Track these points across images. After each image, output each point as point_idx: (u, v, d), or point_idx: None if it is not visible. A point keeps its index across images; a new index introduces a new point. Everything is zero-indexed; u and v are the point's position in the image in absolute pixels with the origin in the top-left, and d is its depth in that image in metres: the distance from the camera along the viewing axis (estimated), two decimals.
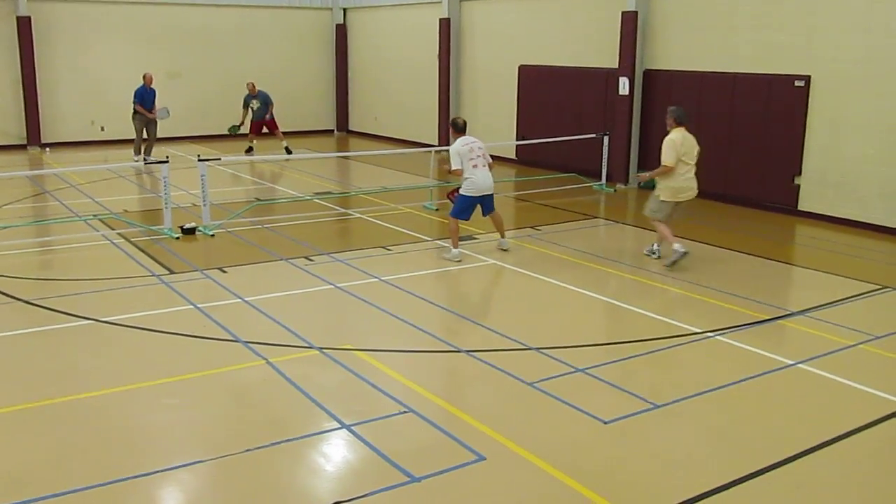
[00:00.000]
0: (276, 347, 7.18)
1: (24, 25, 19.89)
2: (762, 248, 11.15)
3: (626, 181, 15.80)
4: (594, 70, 16.62)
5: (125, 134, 19.39)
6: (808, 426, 5.89)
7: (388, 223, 12.27)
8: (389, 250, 10.71)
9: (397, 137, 22.87)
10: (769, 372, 6.84)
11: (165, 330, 7.60)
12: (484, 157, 10.30)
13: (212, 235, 11.33)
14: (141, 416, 5.94)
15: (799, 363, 7.01)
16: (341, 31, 24.53)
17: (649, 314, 8.31)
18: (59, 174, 16.04)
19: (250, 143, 19.85)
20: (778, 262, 10.65)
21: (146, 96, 18.01)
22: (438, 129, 20.78)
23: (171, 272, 9.54)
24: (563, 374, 6.69)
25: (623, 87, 15.65)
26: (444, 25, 20.24)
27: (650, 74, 15.58)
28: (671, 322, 8.03)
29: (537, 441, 5.53)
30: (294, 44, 24.03)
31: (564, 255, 10.62)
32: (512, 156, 18.62)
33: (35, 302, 8.39)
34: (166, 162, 11.78)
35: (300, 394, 6.26)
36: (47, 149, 20.43)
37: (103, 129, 21.41)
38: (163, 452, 5.41)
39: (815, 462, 5.36)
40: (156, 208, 12.60)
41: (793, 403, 6.38)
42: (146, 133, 18.20)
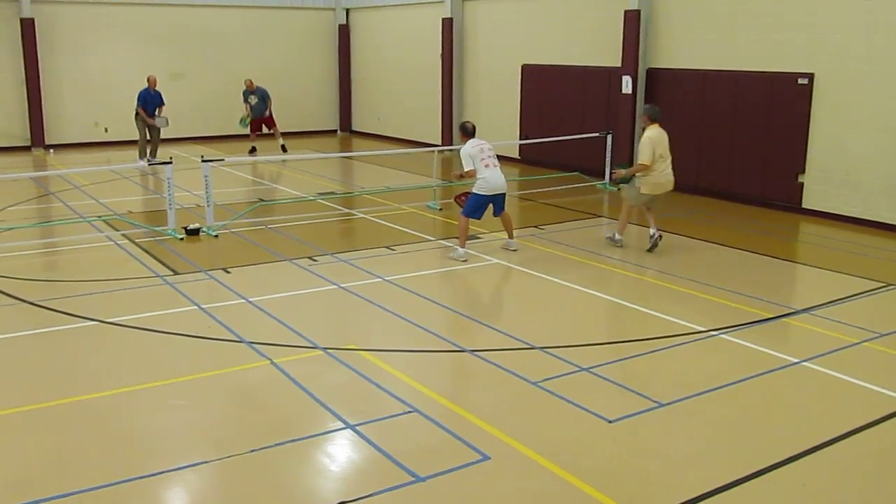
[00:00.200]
0: (281, 348, 7.19)
1: (28, 27, 19.93)
2: (766, 246, 11.14)
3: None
4: (597, 69, 16.61)
5: (128, 135, 19.42)
6: (812, 424, 5.88)
7: (392, 223, 12.27)
8: (393, 250, 10.71)
9: (400, 137, 22.88)
10: (774, 370, 6.84)
11: (170, 331, 7.61)
12: (494, 157, 10.33)
13: (215, 236, 11.34)
14: (146, 417, 5.95)
15: (803, 361, 7.00)
16: (344, 32, 24.54)
17: (653, 313, 8.31)
18: (63, 175, 16.06)
19: (252, 143, 19.89)
20: (782, 259, 10.64)
21: (149, 99, 18.01)
22: (441, 128, 20.77)
23: (175, 273, 9.55)
24: (568, 374, 6.69)
25: (626, 85, 15.64)
26: (447, 25, 20.24)
27: (653, 73, 15.57)
28: (675, 321, 8.02)
29: (542, 440, 5.53)
30: (297, 44, 24.05)
31: (568, 254, 10.61)
32: (515, 155, 18.61)
33: (40, 303, 8.41)
34: (170, 163, 11.80)
35: (305, 394, 6.26)
36: (51, 150, 20.47)
37: (107, 130, 21.45)
38: (168, 453, 5.42)
39: (820, 460, 5.36)
40: (160, 209, 12.61)
41: (797, 402, 6.37)
42: (149, 135, 18.22)
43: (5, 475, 5.11)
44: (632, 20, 15.40)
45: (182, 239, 11.10)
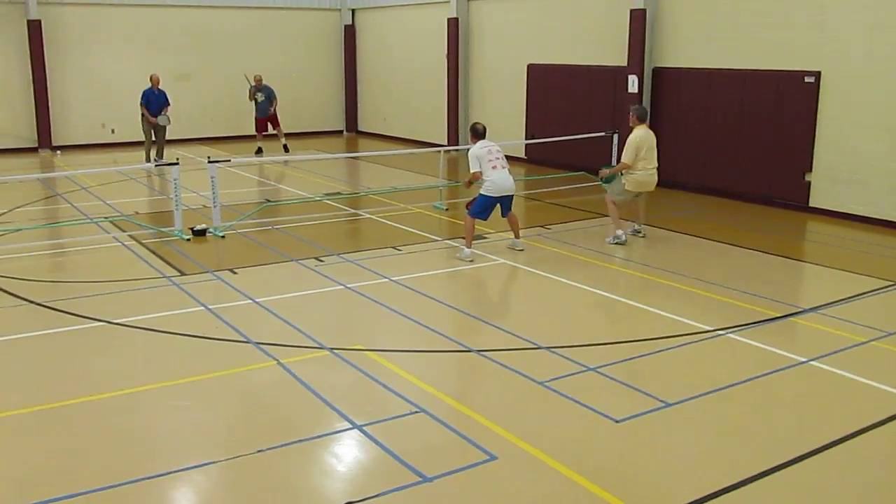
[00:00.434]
0: (287, 348, 7.19)
1: (35, 29, 20.00)
2: (773, 245, 11.11)
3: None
4: (603, 68, 16.59)
5: (135, 136, 19.46)
6: (820, 424, 5.86)
7: (398, 223, 12.28)
8: (399, 250, 10.71)
9: (406, 138, 22.89)
10: (781, 369, 6.81)
11: (176, 331, 7.63)
12: (503, 159, 10.33)
13: (222, 237, 11.35)
14: (152, 418, 5.96)
15: (811, 360, 6.98)
16: (350, 32, 24.56)
17: (660, 312, 8.29)
18: (70, 177, 16.11)
19: (259, 143, 19.93)
20: (789, 258, 10.61)
21: (152, 98, 17.98)
22: (447, 128, 20.77)
23: (182, 274, 9.56)
24: (575, 373, 6.68)
25: (632, 84, 15.61)
26: (453, 25, 20.24)
27: (659, 72, 15.54)
28: (682, 320, 8.00)
29: (549, 440, 5.52)
30: (302, 45, 24.08)
31: (574, 253, 10.60)
32: (521, 155, 18.60)
33: (47, 304, 8.43)
34: (176, 164, 11.82)
35: (311, 394, 6.26)
36: (58, 151, 20.53)
37: (113, 131, 21.51)
38: (174, 453, 5.43)
39: (828, 460, 5.34)
40: (166, 210, 12.65)
41: (805, 401, 6.35)
42: (154, 136, 18.22)
43: (13, 475, 5.13)
44: (638, 19, 15.37)
45: (189, 240, 11.12)
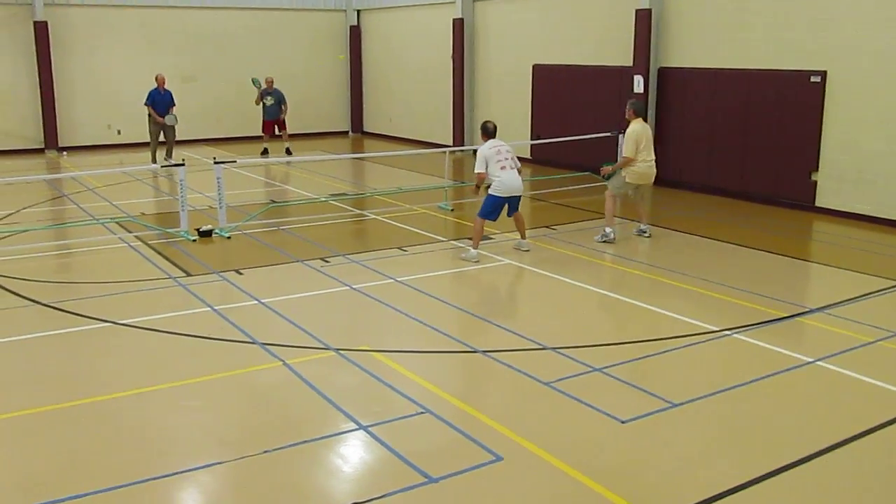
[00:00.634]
0: (293, 349, 7.20)
1: (41, 30, 20.06)
2: (779, 244, 11.08)
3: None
4: (608, 68, 16.57)
5: (141, 137, 19.50)
6: (827, 424, 5.84)
7: (404, 224, 12.28)
8: (405, 251, 10.71)
9: (412, 138, 22.90)
10: (787, 370, 6.80)
11: (182, 332, 7.64)
12: (512, 159, 10.31)
13: (228, 237, 11.37)
14: (159, 418, 5.97)
15: (817, 361, 6.96)
16: (355, 33, 24.58)
17: (666, 312, 8.28)
18: (76, 177, 16.15)
19: (265, 145, 19.94)
20: (795, 258, 10.59)
21: (158, 99, 18.00)
22: (453, 129, 20.76)
23: (188, 274, 9.58)
24: (580, 374, 6.68)
25: (638, 85, 15.59)
26: (458, 25, 20.24)
27: (665, 72, 15.52)
28: (688, 320, 7.99)
29: (554, 441, 5.52)
30: (308, 46, 24.10)
31: (580, 254, 10.59)
32: (527, 155, 18.58)
33: (53, 305, 8.45)
34: (182, 165, 11.84)
35: (317, 395, 6.27)
36: (64, 152, 20.59)
37: (119, 132, 21.56)
38: (181, 454, 5.44)
39: (834, 460, 5.32)
40: (172, 211, 12.67)
41: (812, 401, 6.33)
42: (164, 136, 18.24)
43: (20, 476, 5.14)
44: (643, 19, 15.36)
45: (194, 240, 11.13)
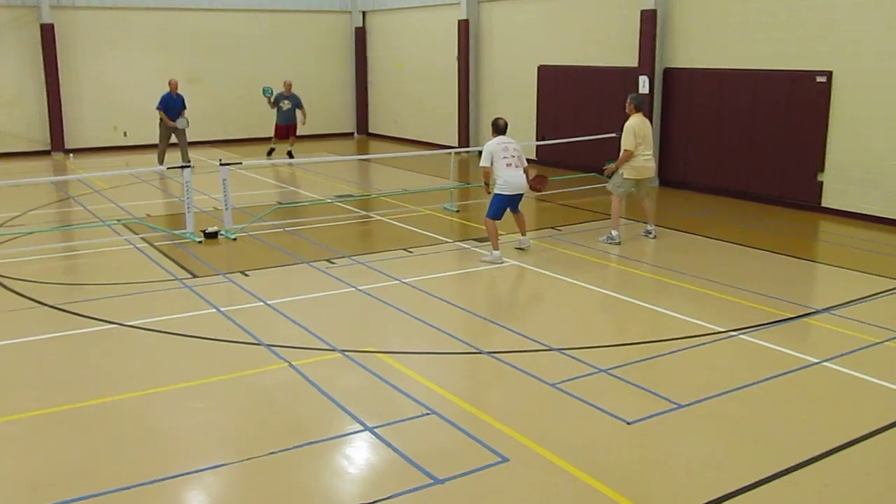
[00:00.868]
0: (299, 350, 7.21)
1: (48, 32, 20.12)
2: (785, 245, 11.06)
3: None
4: (614, 69, 16.56)
5: (147, 139, 19.55)
6: (834, 425, 5.83)
7: (409, 225, 12.29)
8: (410, 252, 10.72)
9: (417, 139, 22.91)
10: (794, 370, 6.79)
11: (189, 333, 7.66)
12: (519, 158, 10.31)
13: (234, 239, 11.39)
14: (165, 420, 5.99)
15: (824, 361, 6.95)
16: (360, 34, 24.60)
17: (671, 313, 8.27)
18: (82, 179, 16.20)
19: (272, 145, 19.91)
20: (801, 259, 10.57)
21: (171, 103, 17.98)
22: (458, 130, 20.78)
23: (194, 276, 9.60)
24: (586, 375, 6.67)
25: (643, 85, 15.58)
26: (463, 27, 20.25)
27: (670, 73, 15.50)
28: (694, 321, 7.98)
29: (560, 442, 5.52)
30: (313, 47, 24.13)
31: (585, 254, 10.59)
32: (532, 156, 18.56)
33: (60, 306, 8.47)
34: (189, 166, 11.87)
35: (323, 396, 6.28)
36: (71, 154, 20.64)
37: (126, 134, 21.61)
38: (187, 455, 5.45)
39: (841, 461, 5.31)
40: (178, 213, 12.70)
41: (818, 402, 6.32)
42: (176, 139, 18.13)
43: (29, 476, 5.16)
44: (648, 20, 15.34)
45: (200, 242, 11.16)
